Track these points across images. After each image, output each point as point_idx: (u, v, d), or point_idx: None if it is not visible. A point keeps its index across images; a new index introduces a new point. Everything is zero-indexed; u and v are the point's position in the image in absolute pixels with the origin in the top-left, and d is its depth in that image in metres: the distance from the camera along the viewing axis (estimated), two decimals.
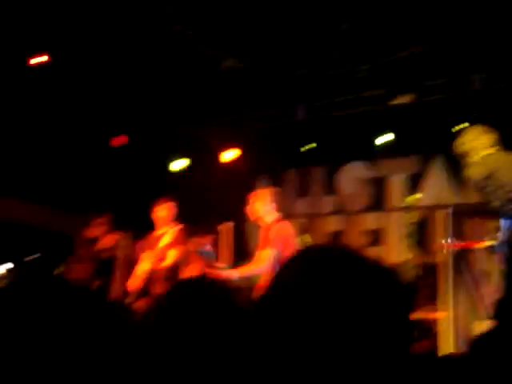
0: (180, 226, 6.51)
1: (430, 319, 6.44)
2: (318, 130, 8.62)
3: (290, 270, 1.07)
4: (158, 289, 6.01)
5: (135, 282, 6.22)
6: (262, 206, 5.80)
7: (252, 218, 5.88)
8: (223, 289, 1.39)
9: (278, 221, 5.79)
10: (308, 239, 6.12)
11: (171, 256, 6.30)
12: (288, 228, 5.77)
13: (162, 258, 6.27)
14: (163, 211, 6.51)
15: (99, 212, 6.66)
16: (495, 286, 6.37)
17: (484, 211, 6.83)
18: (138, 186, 8.91)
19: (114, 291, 6.43)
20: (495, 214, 6.60)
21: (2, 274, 6.86)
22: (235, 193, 9.25)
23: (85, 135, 8.38)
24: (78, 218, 7.91)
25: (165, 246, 6.30)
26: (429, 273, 6.85)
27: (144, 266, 6.22)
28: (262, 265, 5.46)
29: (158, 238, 6.42)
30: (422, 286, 6.55)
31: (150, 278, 6.13)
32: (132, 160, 9.12)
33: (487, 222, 6.64)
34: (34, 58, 7.02)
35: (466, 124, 7.54)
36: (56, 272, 5.85)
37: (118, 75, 7.71)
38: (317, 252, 1.12)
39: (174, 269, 6.29)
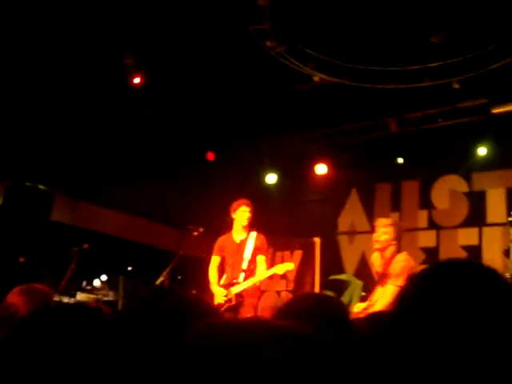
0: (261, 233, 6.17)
1: None
2: (411, 143, 8.44)
3: (430, 285, 1.15)
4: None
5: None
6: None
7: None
8: None
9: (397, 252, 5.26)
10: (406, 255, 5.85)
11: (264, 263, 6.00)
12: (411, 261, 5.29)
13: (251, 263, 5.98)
14: (250, 213, 6.13)
15: (195, 225, 6.70)
16: None
17: None
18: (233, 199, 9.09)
19: None
20: None
21: (98, 286, 7.17)
22: (327, 206, 9.25)
23: (180, 150, 8.68)
24: (171, 231, 8.20)
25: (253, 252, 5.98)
26: None
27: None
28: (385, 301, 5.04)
29: (242, 243, 6.08)
30: None
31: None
32: (224, 174, 9.34)
33: None
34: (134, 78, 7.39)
35: None
36: (157, 283, 5.99)
37: (207, 91, 7.95)
38: (455, 267, 1.19)
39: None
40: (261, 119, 8.73)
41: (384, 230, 5.21)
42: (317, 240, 8.06)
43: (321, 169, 8.80)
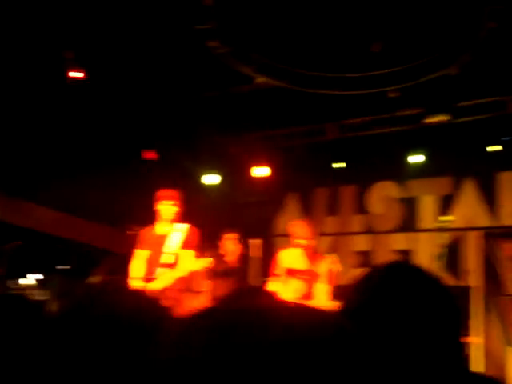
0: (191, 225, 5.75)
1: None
2: (348, 148, 8.62)
3: (372, 286, 1.23)
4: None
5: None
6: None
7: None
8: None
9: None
10: (335, 258, 6.06)
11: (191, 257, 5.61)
12: None
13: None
14: (175, 207, 5.69)
15: (135, 225, 6.52)
16: None
17: None
18: None
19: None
20: None
21: (32, 285, 6.93)
22: (265, 209, 9.31)
23: (116, 148, 8.52)
24: (108, 229, 8.04)
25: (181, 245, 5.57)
26: (460, 296, 6.75)
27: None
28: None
29: (165, 235, 5.66)
30: None
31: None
32: (162, 173, 9.24)
33: None
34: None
35: (499, 147, 7.49)
36: (88, 282, 5.82)
37: (147, 89, 7.85)
38: (394, 269, 1.30)
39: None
40: (201, 119, 8.70)
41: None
42: (255, 241, 8.07)
43: (260, 171, 8.84)
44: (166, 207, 5.63)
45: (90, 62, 7.25)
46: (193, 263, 5.55)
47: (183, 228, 5.66)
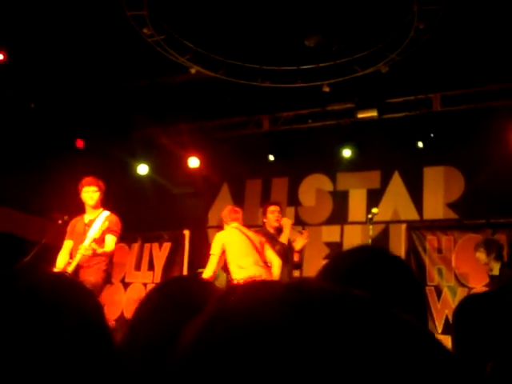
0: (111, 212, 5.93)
1: None
2: (282, 140, 8.70)
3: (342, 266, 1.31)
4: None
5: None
6: None
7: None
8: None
9: None
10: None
11: (112, 243, 5.77)
12: None
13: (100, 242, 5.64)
14: (98, 191, 5.87)
15: (64, 214, 6.32)
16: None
17: (439, 227, 7.03)
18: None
19: None
20: (450, 230, 6.79)
21: None
22: (198, 200, 9.27)
23: (45, 135, 8.25)
24: (35, 220, 7.78)
25: (103, 231, 5.66)
26: None
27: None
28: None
29: (90, 222, 5.79)
30: None
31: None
32: (93, 163, 9.02)
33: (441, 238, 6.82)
34: None
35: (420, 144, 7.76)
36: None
37: (79, 77, 7.65)
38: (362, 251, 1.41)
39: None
40: (134, 108, 8.55)
41: None
42: (186, 232, 8.04)
43: (193, 162, 8.79)
44: (87, 194, 5.83)
45: (17, 42, 6.98)
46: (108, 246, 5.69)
47: (104, 214, 5.83)
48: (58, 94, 8.08)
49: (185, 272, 8.08)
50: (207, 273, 5.64)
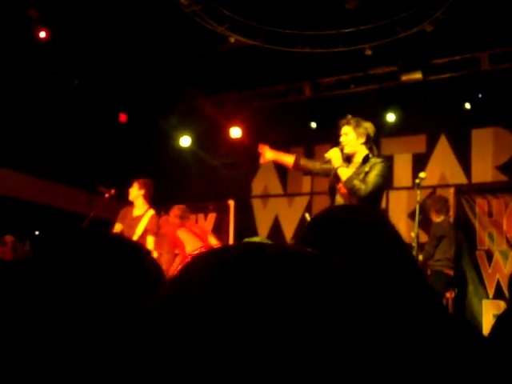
0: (154, 212, 6.44)
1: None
2: (324, 107, 8.57)
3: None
4: None
5: None
6: None
7: None
8: None
9: None
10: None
11: (150, 242, 6.28)
12: None
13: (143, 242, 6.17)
14: (135, 187, 6.34)
15: (107, 187, 6.56)
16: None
17: (489, 190, 6.85)
18: (143, 161, 8.92)
19: None
20: (501, 193, 6.61)
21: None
22: (241, 170, 9.28)
23: (89, 110, 8.36)
24: (82, 194, 7.93)
25: (144, 230, 6.26)
26: None
27: None
28: None
29: (138, 220, 6.32)
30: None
31: None
32: (136, 136, 9.11)
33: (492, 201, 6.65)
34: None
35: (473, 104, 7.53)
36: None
37: (118, 50, 7.68)
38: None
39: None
40: (174, 80, 8.55)
41: None
42: (231, 203, 8.08)
43: (235, 132, 8.77)
44: (132, 191, 6.30)
45: (58, 20, 7.04)
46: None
47: (149, 214, 6.33)
48: (100, 70, 8.16)
49: (231, 242, 8.14)
50: None
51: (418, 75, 7.68)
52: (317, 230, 1.24)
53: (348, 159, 4.59)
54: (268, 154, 5.12)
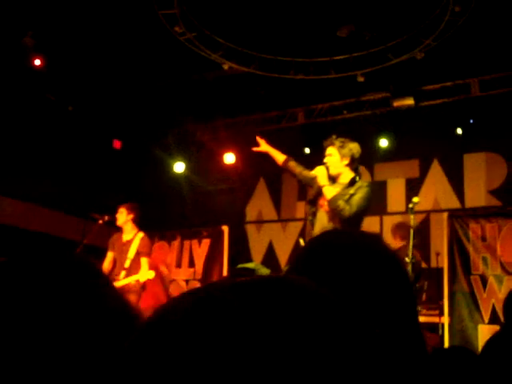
0: (144, 234, 6.48)
1: (433, 322, 6.43)
2: (317, 133, 8.62)
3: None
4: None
5: None
6: None
7: None
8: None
9: None
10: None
11: (144, 264, 6.28)
12: None
13: (137, 264, 6.25)
14: (123, 213, 6.42)
15: (100, 214, 6.58)
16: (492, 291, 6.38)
17: (482, 215, 6.86)
18: (137, 188, 8.92)
19: None
20: (494, 217, 6.63)
21: None
22: (235, 196, 9.29)
23: (83, 136, 8.38)
24: (76, 220, 7.91)
25: (136, 253, 6.30)
26: (431, 277, 6.84)
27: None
28: None
29: (128, 244, 6.38)
30: (422, 290, 6.54)
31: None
32: (130, 163, 9.13)
33: (485, 226, 6.66)
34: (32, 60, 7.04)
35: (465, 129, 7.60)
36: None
37: (111, 77, 7.73)
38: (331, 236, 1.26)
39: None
40: (168, 107, 8.60)
41: None
42: (225, 228, 8.05)
43: (229, 158, 8.80)
44: (120, 216, 6.42)
45: (53, 48, 7.10)
46: (134, 276, 6.21)
47: (139, 236, 6.42)
48: (95, 96, 8.20)
49: (225, 267, 8.10)
50: None
51: (409, 101, 7.76)
52: (311, 255, 1.23)
53: (333, 179, 4.62)
54: (263, 146, 5.16)
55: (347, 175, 4.59)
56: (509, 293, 1.97)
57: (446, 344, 6.28)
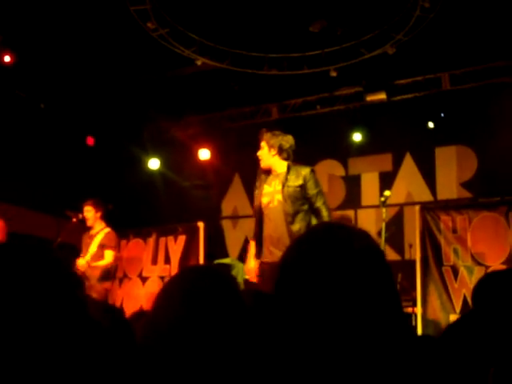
0: (110, 229, 6.60)
1: (407, 313, 6.53)
2: (291, 128, 8.65)
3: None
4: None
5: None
6: None
7: None
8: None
9: None
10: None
11: (109, 256, 6.40)
12: None
13: (99, 257, 6.34)
14: (91, 211, 6.53)
15: (74, 212, 6.60)
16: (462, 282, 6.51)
17: (453, 206, 6.99)
18: (111, 185, 8.87)
19: None
20: (465, 209, 6.76)
21: None
22: (211, 191, 9.29)
23: (56, 134, 8.30)
24: (49, 218, 7.84)
25: (99, 246, 6.40)
26: (404, 269, 6.93)
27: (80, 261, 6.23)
28: None
29: (92, 237, 6.50)
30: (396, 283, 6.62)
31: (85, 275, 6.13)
32: (104, 159, 9.06)
33: (456, 218, 6.77)
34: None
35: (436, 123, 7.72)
36: None
37: (85, 74, 7.67)
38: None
39: (110, 269, 6.46)
40: (142, 103, 8.56)
41: None
42: (200, 224, 8.04)
43: (204, 154, 8.80)
44: (85, 213, 6.52)
45: (23, 44, 7.01)
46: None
47: (104, 231, 6.52)
48: (67, 93, 8.12)
49: (202, 263, 8.10)
50: None
51: (382, 96, 7.85)
52: (300, 249, 1.24)
53: (268, 172, 4.80)
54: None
55: (280, 165, 4.76)
56: (478, 281, 2.02)
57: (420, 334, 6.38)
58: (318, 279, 1.13)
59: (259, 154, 4.82)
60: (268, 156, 4.77)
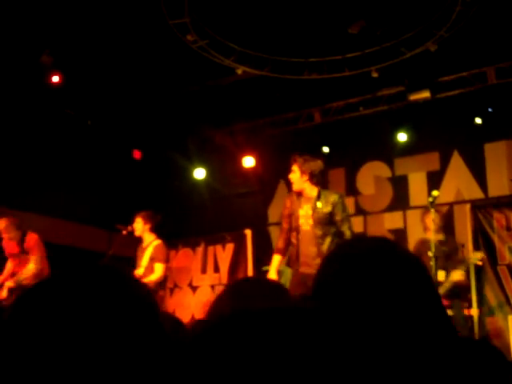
0: (160, 241, 6.61)
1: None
2: (335, 131, 8.62)
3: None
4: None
5: None
6: None
7: None
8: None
9: None
10: None
11: (158, 269, 6.44)
12: None
13: (150, 270, 6.41)
14: (140, 222, 6.59)
15: (124, 225, 6.71)
16: None
17: (506, 203, 6.79)
18: (159, 196, 9.00)
19: None
20: None
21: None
22: (257, 199, 9.32)
23: (103, 149, 8.50)
24: (100, 232, 8.02)
25: (150, 259, 6.45)
26: None
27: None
28: None
29: (144, 250, 6.55)
30: None
31: None
32: (151, 172, 9.22)
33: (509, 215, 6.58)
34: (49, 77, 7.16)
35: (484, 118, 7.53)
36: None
37: (129, 89, 7.82)
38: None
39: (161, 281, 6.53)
40: (186, 114, 8.67)
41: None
42: (248, 232, 8.08)
43: (248, 161, 8.84)
44: (137, 225, 6.58)
45: (70, 64, 7.22)
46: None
47: (154, 243, 6.56)
48: (112, 109, 8.31)
49: (250, 271, 8.14)
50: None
51: (426, 94, 7.71)
52: (336, 261, 1.25)
53: (299, 194, 5.18)
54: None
55: (311, 190, 5.10)
56: None
57: (477, 336, 6.22)
58: (361, 286, 1.13)
59: (291, 177, 5.13)
60: (300, 181, 5.13)
